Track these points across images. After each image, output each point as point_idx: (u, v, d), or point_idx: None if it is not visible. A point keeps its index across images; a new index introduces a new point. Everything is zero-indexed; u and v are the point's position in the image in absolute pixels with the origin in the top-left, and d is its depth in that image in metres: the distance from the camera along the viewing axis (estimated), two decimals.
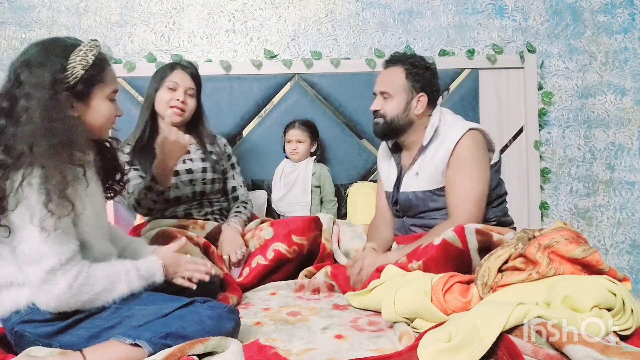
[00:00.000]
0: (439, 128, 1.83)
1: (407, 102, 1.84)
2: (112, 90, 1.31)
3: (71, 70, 1.22)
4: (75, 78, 1.23)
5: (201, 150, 2.09)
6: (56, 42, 1.28)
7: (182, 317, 1.22)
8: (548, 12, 2.68)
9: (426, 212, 1.86)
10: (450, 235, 1.55)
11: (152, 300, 1.28)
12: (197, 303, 1.27)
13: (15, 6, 2.66)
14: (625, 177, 2.71)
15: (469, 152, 1.77)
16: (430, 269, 1.55)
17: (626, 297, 1.18)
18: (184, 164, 2.01)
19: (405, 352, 1.15)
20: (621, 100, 2.70)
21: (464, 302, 1.33)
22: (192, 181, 2.02)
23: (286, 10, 2.69)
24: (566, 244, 1.30)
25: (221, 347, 1.16)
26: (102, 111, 1.29)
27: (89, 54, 1.25)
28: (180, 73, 2.00)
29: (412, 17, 2.68)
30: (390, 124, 1.85)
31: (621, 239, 2.73)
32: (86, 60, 1.24)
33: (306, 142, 2.43)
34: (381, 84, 1.89)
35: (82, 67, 1.23)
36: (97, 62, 1.26)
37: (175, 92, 1.97)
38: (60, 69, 1.22)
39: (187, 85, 1.99)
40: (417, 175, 1.85)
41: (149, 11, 2.68)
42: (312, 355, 1.21)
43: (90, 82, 1.25)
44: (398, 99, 1.84)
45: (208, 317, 1.22)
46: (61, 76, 1.21)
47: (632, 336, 1.15)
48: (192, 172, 2.03)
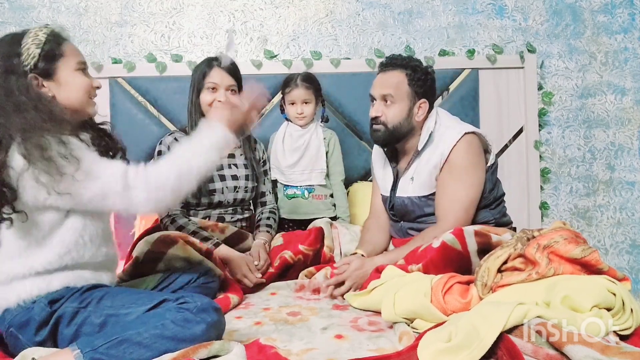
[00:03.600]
0: (434, 132, 1.81)
1: (409, 109, 1.80)
2: (76, 62, 1.31)
3: (26, 52, 1.24)
4: (33, 57, 1.24)
5: (244, 155, 2.10)
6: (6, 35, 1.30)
7: (144, 321, 1.17)
8: (548, 12, 2.68)
9: (422, 216, 1.85)
10: (449, 237, 1.55)
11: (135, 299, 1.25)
12: (167, 302, 1.21)
13: (15, 6, 2.66)
14: (625, 177, 2.71)
15: (462, 157, 1.75)
16: (430, 272, 1.54)
17: (626, 297, 1.18)
18: (229, 169, 2.04)
19: (405, 352, 1.15)
20: (621, 100, 2.70)
21: (463, 303, 1.33)
22: (236, 188, 2.04)
23: (286, 10, 2.69)
24: (565, 244, 1.30)
25: (224, 351, 1.15)
26: (74, 83, 1.29)
27: (39, 33, 1.27)
28: (218, 72, 1.95)
29: (412, 17, 2.68)
30: (393, 132, 1.81)
31: (621, 239, 2.73)
32: (38, 39, 1.26)
33: (312, 102, 2.24)
34: (383, 87, 1.82)
35: (37, 46, 1.25)
36: (50, 38, 1.27)
37: (216, 93, 1.94)
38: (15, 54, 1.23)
39: (227, 84, 1.95)
40: (412, 180, 1.83)
41: (149, 11, 2.68)
42: (312, 355, 1.22)
43: (50, 58, 1.26)
44: (401, 105, 1.80)
45: (172, 320, 1.15)
46: (18, 60, 1.23)
47: (632, 336, 1.15)
48: (238, 178, 2.05)
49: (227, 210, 2.04)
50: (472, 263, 1.55)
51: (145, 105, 2.62)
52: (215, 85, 1.95)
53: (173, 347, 1.12)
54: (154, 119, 2.60)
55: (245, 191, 2.07)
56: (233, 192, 2.03)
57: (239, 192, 2.05)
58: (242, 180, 2.06)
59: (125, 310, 1.22)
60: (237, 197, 2.05)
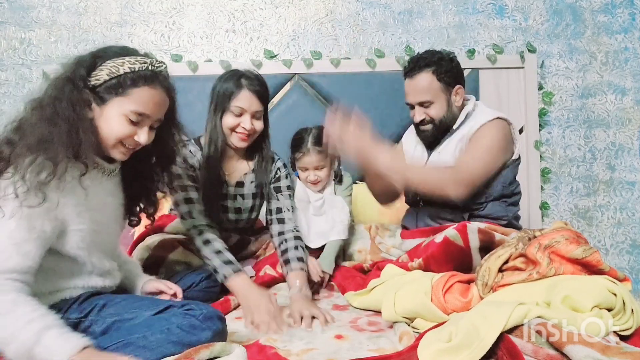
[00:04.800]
0: (470, 113, 1.85)
1: (447, 101, 1.84)
2: (132, 110, 1.21)
3: (98, 72, 1.21)
4: (97, 80, 1.21)
5: (255, 182, 1.87)
6: (111, 47, 1.26)
7: (149, 325, 1.16)
8: (548, 12, 2.68)
9: None
10: (452, 233, 1.55)
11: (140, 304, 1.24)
12: (173, 308, 1.20)
13: (15, 6, 2.66)
14: (626, 177, 2.71)
15: (489, 137, 1.77)
16: (430, 266, 1.55)
17: (626, 297, 1.18)
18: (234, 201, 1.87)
19: (405, 352, 1.15)
20: (621, 100, 2.70)
21: (464, 302, 1.33)
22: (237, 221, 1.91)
23: (286, 10, 2.69)
24: (566, 244, 1.30)
25: (226, 352, 1.15)
26: (112, 124, 1.21)
27: (126, 64, 1.21)
28: (246, 95, 1.71)
29: (412, 17, 2.68)
30: (440, 125, 1.85)
31: (621, 239, 2.73)
32: (117, 69, 1.21)
33: (327, 165, 1.98)
34: (416, 94, 1.84)
35: (108, 74, 1.20)
36: (130, 75, 1.21)
37: (241, 118, 1.72)
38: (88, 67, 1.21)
39: (254, 110, 1.73)
40: (439, 154, 1.86)
41: (149, 11, 2.68)
42: (312, 355, 1.21)
43: (110, 91, 1.21)
44: (439, 102, 1.83)
45: (178, 325, 1.15)
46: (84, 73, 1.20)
47: (632, 336, 1.15)
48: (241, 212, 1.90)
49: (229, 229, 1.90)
50: (473, 259, 1.55)
51: None
52: (242, 111, 1.72)
53: (178, 352, 1.12)
54: None
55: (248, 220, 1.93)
56: (233, 222, 1.90)
57: (240, 223, 1.92)
58: (246, 213, 1.91)
59: (129, 315, 1.21)
60: (238, 226, 1.92)
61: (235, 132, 1.73)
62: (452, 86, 1.84)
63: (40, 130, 1.14)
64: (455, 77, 1.84)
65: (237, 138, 1.74)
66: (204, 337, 1.15)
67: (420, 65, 1.82)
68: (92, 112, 1.21)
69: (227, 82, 1.74)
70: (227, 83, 1.73)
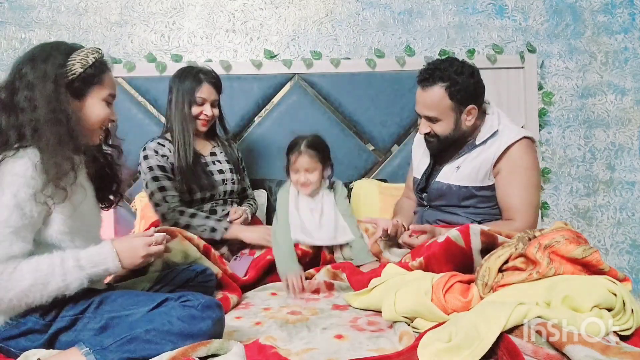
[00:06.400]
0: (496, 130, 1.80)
1: (455, 121, 1.78)
2: (108, 94, 1.34)
3: (70, 67, 1.27)
4: (74, 75, 1.27)
5: (224, 153, 2.22)
6: (61, 43, 1.34)
7: (151, 319, 1.18)
8: (548, 12, 2.68)
9: (453, 206, 1.86)
10: (454, 233, 1.55)
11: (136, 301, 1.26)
12: (170, 301, 1.23)
13: (15, 6, 2.66)
14: (626, 177, 2.71)
15: (525, 158, 1.77)
16: (431, 265, 1.55)
17: (626, 297, 1.18)
18: (214, 165, 2.15)
19: (405, 352, 1.15)
20: (621, 100, 2.70)
21: (464, 302, 1.33)
22: (224, 180, 2.15)
23: (286, 10, 2.69)
24: (566, 244, 1.30)
25: (223, 350, 1.16)
26: (95, 111, 1.32)
27: (89, 55, 1.31)
28: (207, 88, 2.06)
29: (412, 17, 2.68)
30: (445, 141, 1.82)
31: (621, 239, 2.73)
32: (86, 60, 1.29)
33: (318, 170, 1.97)
34: (425, 107, 1.79)
35: (81, 66, 1.28)
36: (97, 64, 1.31)
37: (203, 106, 2.07)
38: (61, 65, 1.26)
39: (212, 99, 2.09)
40: (458, 170, 1.83)
41: (149, 11, 2.68)
42: (312, 355, 1.21)
43: (87, 82, 1.30)
44: (447, 120, 1.77)
45: (178, 317, 1.17)
46: (61, 71, 1.26)
47: (632, 336, 1.15)
48: (224, 172, 2.16)
49: (218, 203, 2.13)
50: (475, 261, 1.55)
51: (145, 105, 2.62)
52: (203, 101, 2.06)
53: (181, 343, 1.15)
54: (154, 119, 2.60)
55: (233, 183, 2.18)
56: (222, 185, 2.13)
57: (227, 184, 2.15)
58: (228, 173, 2.17)
59: (127, 312, 1.23)
60: (226, 189, 2.15)
61: (198, 119, 2.07)
62: (465, 105, 1.76)
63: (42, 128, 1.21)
64: (470, 95, 1.76)
65: (199, 124, 2.09)
66: (204, 326, 1.18)
67: (435, 78, 1.74)
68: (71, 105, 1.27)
69: (187, 79, 2.05)
70: (187, 79, 2.05)
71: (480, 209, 1.85)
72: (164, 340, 1.14)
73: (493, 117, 1.83)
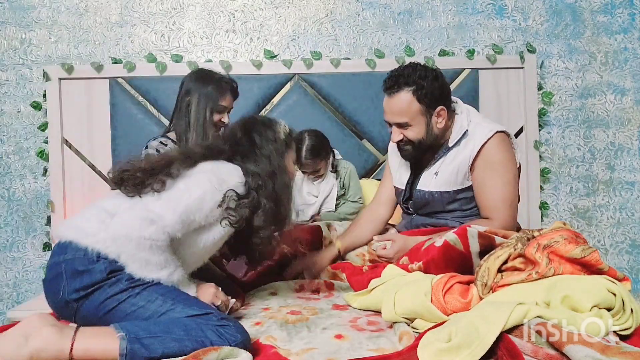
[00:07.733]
0: (467, 131, 1.78)
1: (427, 124, 1.76)
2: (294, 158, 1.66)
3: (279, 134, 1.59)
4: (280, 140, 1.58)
5: None
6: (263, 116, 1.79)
7: (186, 328, 1.23)
8: (548, 12, 2.68)
9: (439, 212, 1.85)
10: (452, 237, 1.55)
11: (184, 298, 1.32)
12: (210, 317, 1.27)
13: (15, 6, 2.66)
14: (625, 177, 2.71)
15: (498, 153, 1.75)
16: (430, 270, 1.55)
17: (626, 297, 1.18)
18: None
19: (405, 352, 1.15)
20: (621, 100, 2.70)
21: (464, 303, 1.33)
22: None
23: (286, 10, 2.70)
24: (565, 243, 1.30)
25: (233, 356, 1.17)
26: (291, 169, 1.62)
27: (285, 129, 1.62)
28: (229, 97, 2.10)
29: (412, 17, 2.68)
30: (420, 146, 1.79)
31: (621, 239, 2.73)
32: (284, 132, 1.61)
33: (322, 166, 2.30)
34: (393, 115, 1.77)
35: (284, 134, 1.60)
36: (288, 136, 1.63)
37: (222, 114, 2.09)
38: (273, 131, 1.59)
39: (231, 107, 2.12)
40: (436, 175, 1.81)
41: (149, 11, 2.68)
42: (312, 355, 1.21)
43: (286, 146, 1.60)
44: (418, 124, 1.76)
45: (212, 342, 1.21)
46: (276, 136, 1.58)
47: (632, 336, 1.15)
48: None
49: None
50: (474, 264, 1.55)
51: (145, 105, 2.62)
52: (224, 109, 2.08)
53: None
54: (154, 119, 2.60)
55: None
56: None
57: None
58: None
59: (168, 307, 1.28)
60: None
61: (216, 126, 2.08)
62: (434, 108, 1.75)
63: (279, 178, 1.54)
64: (437, 97, 1.74)
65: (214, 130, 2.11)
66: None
67: (400, 84, 1.73)
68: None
69: (209, 84, 2.04)
70: (210, 85, 2.04)
71: (466, 211, 1.84)
72: (189, 349, 1.19)
73: (462, 117, 1.80)
